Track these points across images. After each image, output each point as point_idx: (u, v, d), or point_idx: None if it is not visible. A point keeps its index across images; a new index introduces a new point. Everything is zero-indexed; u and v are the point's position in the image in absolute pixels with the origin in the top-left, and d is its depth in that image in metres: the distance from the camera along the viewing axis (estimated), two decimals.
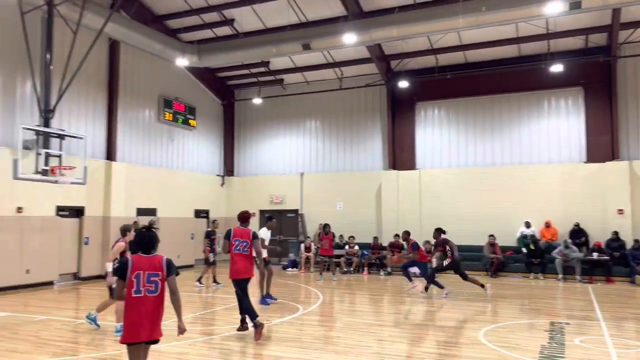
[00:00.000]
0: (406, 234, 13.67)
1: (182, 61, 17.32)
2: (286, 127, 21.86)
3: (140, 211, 17.06)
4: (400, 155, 19.64)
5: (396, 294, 13.14)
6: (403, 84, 18.55)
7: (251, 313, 8.02)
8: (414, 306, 11.32)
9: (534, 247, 16.24)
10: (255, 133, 22.51)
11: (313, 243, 18.49)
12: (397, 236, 17.26)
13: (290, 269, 18.53)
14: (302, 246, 18.59)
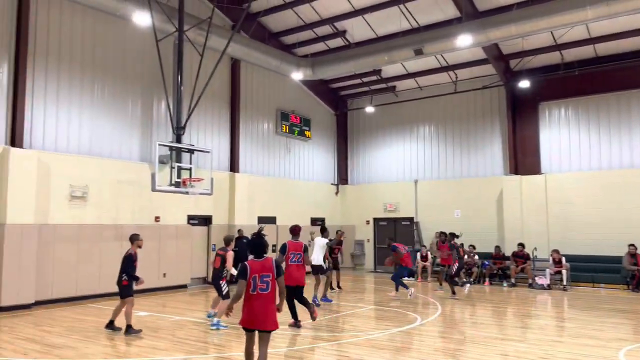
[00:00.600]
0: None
1: (297, 75, 18.02)
2: (399, 134, 21.69)
3: (260, 219, 17.96)
4: (522, 159, 18.51)
5: (521, 306, 12.36)
6: (524, 84, 17.49)
7: (294, 313, 9.40)
8: (542, 320, 10.54)
9: None
10: (368, 141, 22.63)
11: (429, 252, 18.05)
12: (522, 245, 16.28)
13: (406, 278, 18.23)
14: (418, 255, 18.23)
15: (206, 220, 16.57)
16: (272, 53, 17.29)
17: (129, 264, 8.98)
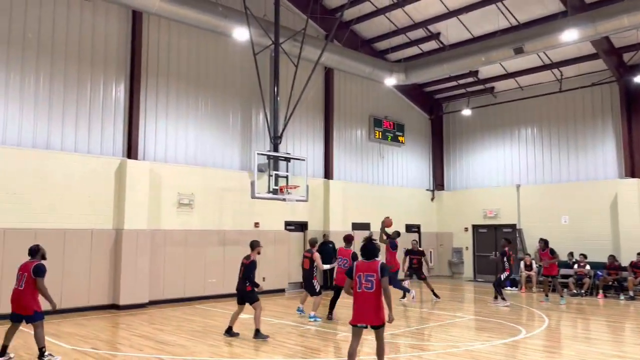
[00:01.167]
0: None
1: (390, 80, 17.92)
2: (498, 137, 20.76)
3: (355, 225, 18.04)
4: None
5: None
6: None
7: (332, 309, 10.81)
8: None
9: None
10: (465, 145, 21.90)
11: (534, 261, 17.03)
12: None
13: (509, 288, 17.35)
14: (522, 264, 17.27)
15: (302, 226, 16.96)
16: (365, 60, 17.35)
17: (252, 270, 8.96)
